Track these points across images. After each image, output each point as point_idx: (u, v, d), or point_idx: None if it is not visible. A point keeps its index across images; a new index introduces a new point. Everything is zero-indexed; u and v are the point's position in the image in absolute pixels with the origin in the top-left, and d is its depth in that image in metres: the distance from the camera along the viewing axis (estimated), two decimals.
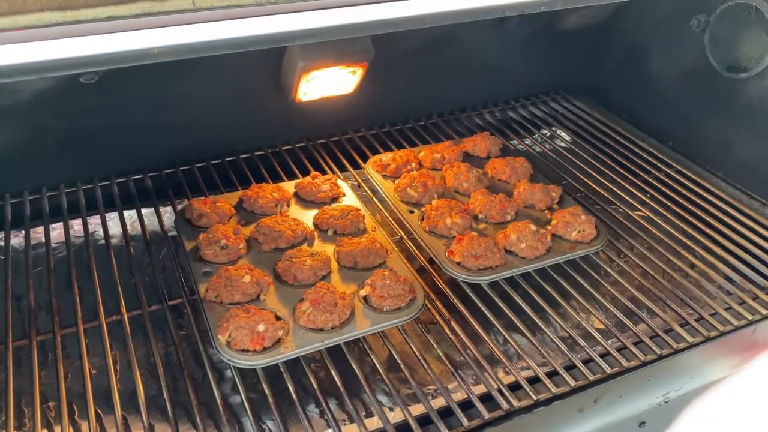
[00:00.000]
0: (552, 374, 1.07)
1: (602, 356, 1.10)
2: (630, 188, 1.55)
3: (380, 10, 0.92)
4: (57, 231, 1.36)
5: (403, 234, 1.36)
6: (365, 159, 1.57)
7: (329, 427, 1.00)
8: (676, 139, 1.71)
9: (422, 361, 1.07)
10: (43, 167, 1.41)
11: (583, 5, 1.52)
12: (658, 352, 1.10)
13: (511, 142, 1.76)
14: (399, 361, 1.07)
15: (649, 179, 1.59)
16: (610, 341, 1.13)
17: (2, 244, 1.32)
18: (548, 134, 1.83)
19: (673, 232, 1.40)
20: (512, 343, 1.12)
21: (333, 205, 1.38)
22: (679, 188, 1.55)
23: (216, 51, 0.83)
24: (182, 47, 0.80)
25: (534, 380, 1.06)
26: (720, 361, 1.18)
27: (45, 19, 0.73)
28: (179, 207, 1.37)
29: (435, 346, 1.11)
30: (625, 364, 1.08)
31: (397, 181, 1.46)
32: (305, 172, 1.49)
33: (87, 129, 1.38)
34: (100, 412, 1.05)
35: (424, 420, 0.99)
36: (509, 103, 1.90)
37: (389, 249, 1.26)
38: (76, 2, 0.74)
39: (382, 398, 1.11)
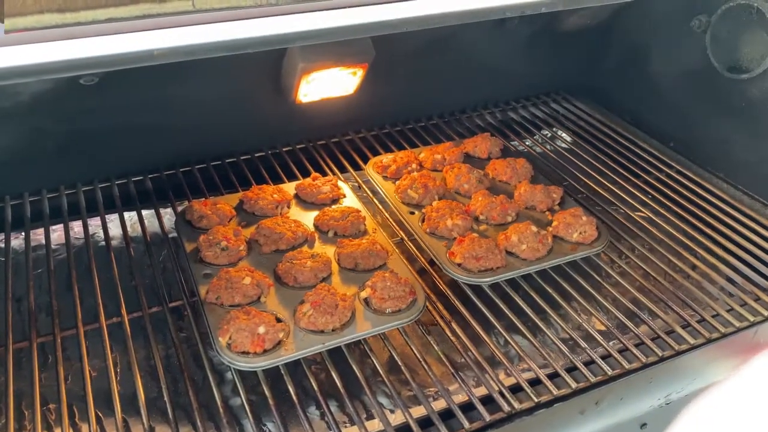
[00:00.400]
0: (553, 376, 1.06)
1: (603, 358, 1.09)
2: (631, 189, 1.55)
3: (381, 11, 0.92)
4: (57, 233, 1.36)
5: (403, 235, 1.36)
6: (366, 160, 1.57)
7: (330, 430, 1.00)
8: (677, 139, 1.71)
9: (423, 362, 1.07)
10: (43, 169, 1.41)
11: (584, 6, 1.52)
12: (660, 354, 1.10)
13: (512, 143, 1.75)
14: (400, 362, 1.07)
15: (650, 180, 1.59)
16: (611, 343, 1.13)
17: (2, 245, 1.32)
18: (549, 135, 1.83)
19: (674, 233, 1.40)
20: (513, 344, 1.12)
21: (333, 206, 1.37)
22: (680, 189, 1.55)
23: (216, 53, 0.83)
24: (182, 49, 0.80)
25: (535, 382, 1.05)
26: (722, 362, 1.18)
27: (44, 21, 0.73)
28: (179, 208, 1.37)
29: (436, 347, 1.11)
30: (626, 365, 1.08)
31: (397, 182, 1.45)
32: (306, 174, 1.49)
33: (87, 131, 1.38)
34: (100, 414, 1.05)
35: (425, 422, 0.99)
36: (510, 104, 1.90)
37: (390, 250, 1.26)
38: (76, 4, 0.74)
39: (383, 400, 1.11)
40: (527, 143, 1.75)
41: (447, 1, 0.98)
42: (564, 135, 1.82)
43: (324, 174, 1.49)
